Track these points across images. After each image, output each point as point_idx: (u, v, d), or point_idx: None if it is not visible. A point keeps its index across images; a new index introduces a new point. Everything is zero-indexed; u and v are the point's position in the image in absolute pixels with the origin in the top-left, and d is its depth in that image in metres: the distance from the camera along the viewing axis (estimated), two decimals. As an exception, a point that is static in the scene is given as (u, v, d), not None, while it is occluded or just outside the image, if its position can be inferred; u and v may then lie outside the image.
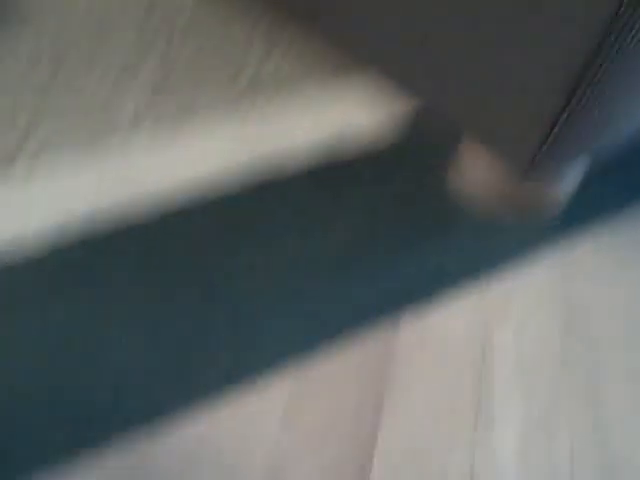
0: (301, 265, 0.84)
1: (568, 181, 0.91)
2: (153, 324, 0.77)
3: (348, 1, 0.84)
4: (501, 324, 0.78)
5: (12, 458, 0.66)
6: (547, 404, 0.71)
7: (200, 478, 0.66)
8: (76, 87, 0.95)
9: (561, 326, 0.78)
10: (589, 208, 0.94)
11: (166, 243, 0.84)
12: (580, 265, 0.86)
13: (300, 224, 0.88)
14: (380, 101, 1.00)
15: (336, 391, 0.72)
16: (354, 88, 1.01)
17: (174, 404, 0.71)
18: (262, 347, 0.76)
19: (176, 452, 0.67)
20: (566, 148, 0.79)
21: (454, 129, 1.00)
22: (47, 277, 0.81)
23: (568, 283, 0.84)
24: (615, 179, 0.98)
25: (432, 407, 0.71)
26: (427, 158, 0.97)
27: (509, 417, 0.70)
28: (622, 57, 0.65)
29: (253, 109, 0.97)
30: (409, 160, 0.97)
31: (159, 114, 0.94)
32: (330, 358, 0.75)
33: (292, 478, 0.66)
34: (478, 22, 0.71)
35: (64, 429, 0.69)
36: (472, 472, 0.66)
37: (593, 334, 0.78)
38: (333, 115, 0.98)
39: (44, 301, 0.79)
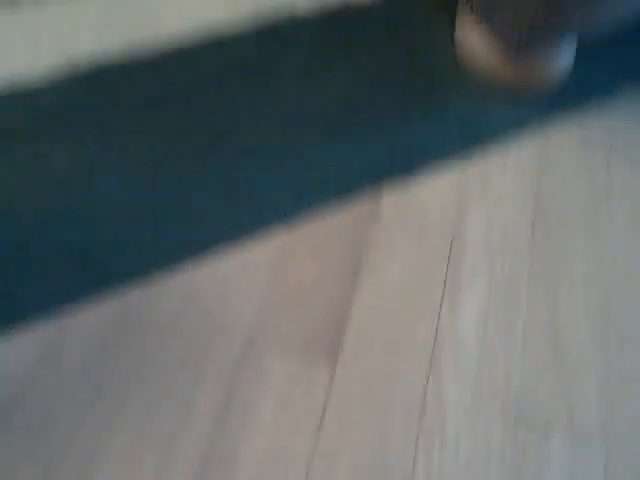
0: (297, 125, 0.85)
1: (560, 61, 0.93)
2: (153, 172, 0.79)
3: None
4: (475, 203, 0.82)
5: (10, 297, 0.68)
6: (509, 284, 0.76)
7: (184, 334, 0.68)
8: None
9: (531, 214, 0.82)
10: (575, 94, 0.96)
11: (167, 90, 0.86)
12: (559, 152, 0.89)
13: (298, 83, 0.89)
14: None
15: (320, 251, 0.75)
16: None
17: (169, 256, 0.73)
18: (255, 204, 0.78)
19: (163, 308, 0.69)
20: (553, 24, 0.81)
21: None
22: (49, 118, 0.81)
23: (545, 169, 0.87)
24: (604, 64, 1.00)
25: (406, 274, 0.75)
26: (420, 30, 0.99)
27: (474, 292, 0.75)
28: None
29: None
30: (402, 31, 0.98)
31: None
32: (317, 219, 0.78)
33: (273, 336, 0.69)
34: None
35: (62, 270, 0.71)
36: (436, 338, 0.71)
37: (561, 224, 0.82)
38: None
39: (47, 141, 0.79)
